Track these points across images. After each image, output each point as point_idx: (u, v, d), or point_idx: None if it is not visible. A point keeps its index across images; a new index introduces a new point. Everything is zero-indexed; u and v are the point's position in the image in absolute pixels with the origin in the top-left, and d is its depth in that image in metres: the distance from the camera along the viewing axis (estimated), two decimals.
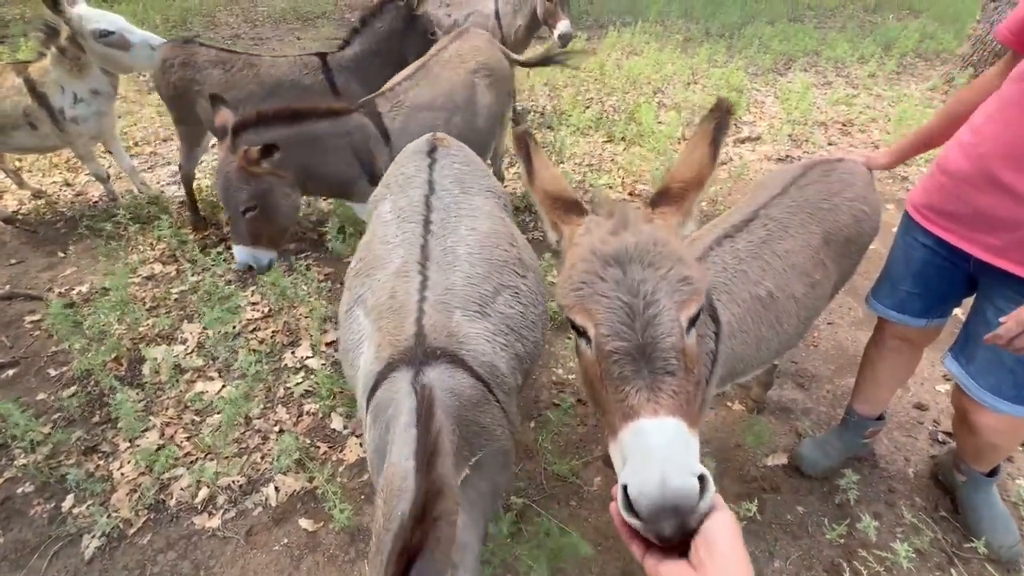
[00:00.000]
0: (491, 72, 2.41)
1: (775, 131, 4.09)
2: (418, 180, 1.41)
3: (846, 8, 8.79)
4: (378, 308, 1.13)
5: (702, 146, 0.87)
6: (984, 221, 1.18)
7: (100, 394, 2.12)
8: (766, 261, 1.27)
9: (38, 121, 2.76)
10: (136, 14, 7.36)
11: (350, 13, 8.57)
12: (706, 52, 5.53)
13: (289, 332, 2.41)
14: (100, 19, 2.50)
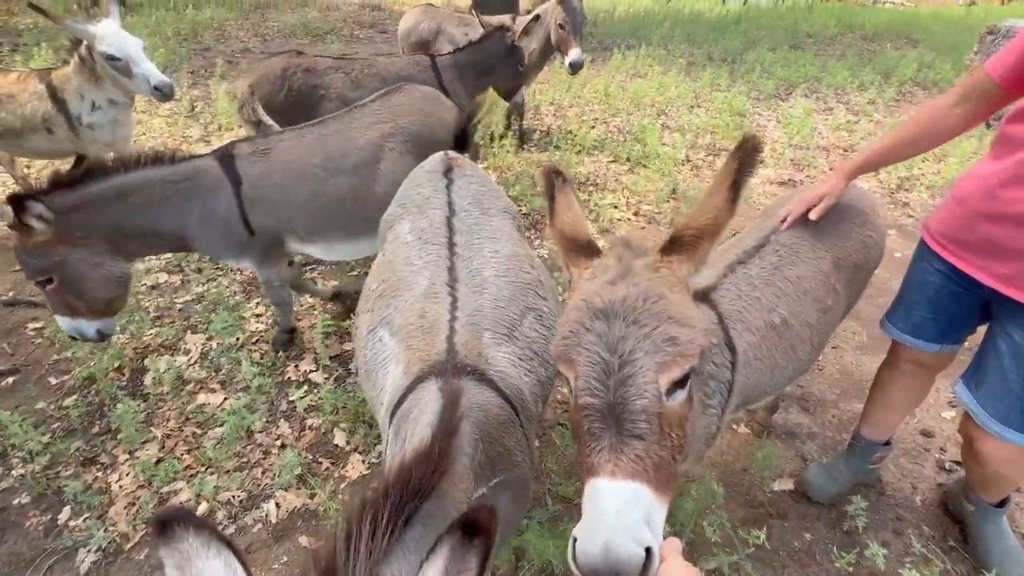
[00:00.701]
0: (413, 138, 2.10)
1: (777, 155, 4.15)
2: (437, 201, 1.40)
3: (845, 37, 8.99)
4: (406, 328, 1.12)
5: (722, 190, 0.82)
6: (996, 251, 1.19)
7: (101, 404, 2.10)
8: (779, 288, 1.27)
9: (55, 126, 2.78)
10: (148, 26, 7.49)
11: (359, 30, 8.73)
12: (709, 76, 5.63)
13: (294, 344, 2.40)
14: (113, 43, 2.50)
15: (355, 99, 2.62)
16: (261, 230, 1.98)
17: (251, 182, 1.93)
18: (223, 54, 6.85)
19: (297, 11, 10.04)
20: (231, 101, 4.67)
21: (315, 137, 2.04)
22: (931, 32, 9.13)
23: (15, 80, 2.80)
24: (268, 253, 2.06)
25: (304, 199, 1.98)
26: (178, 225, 1.91)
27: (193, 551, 0.48)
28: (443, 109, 2.26)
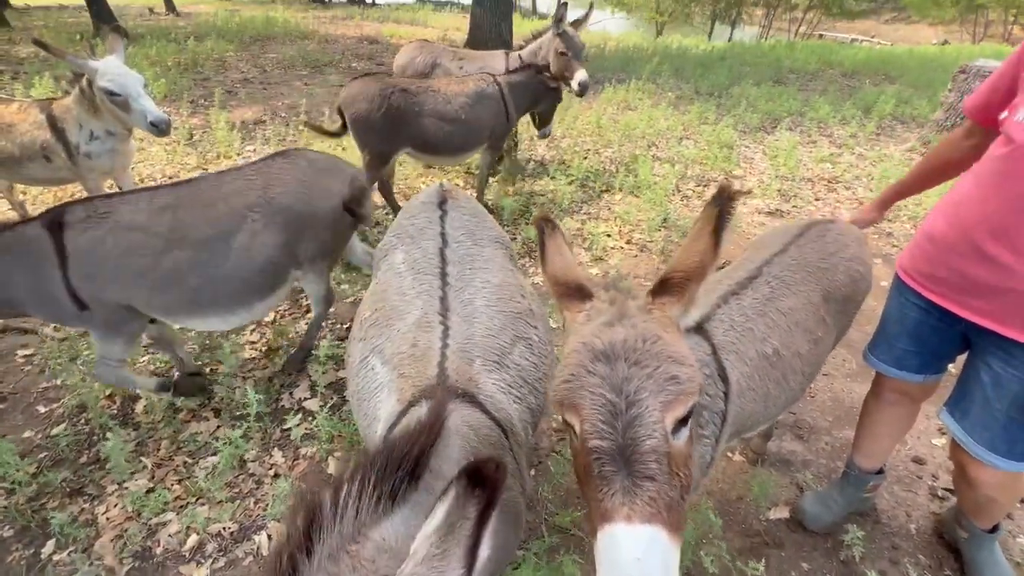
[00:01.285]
0: (284, 211, 1.91)
1: (765, 186, 4.27)
2: (431, 232, 1.44)
3: (825, 73, 9.36)
4: (399, 357, 1.14)
5: (705, 235, 0.85)
6: (972, 286, 1.23)
7: (90, 433, 2.07)
8: (771, 319, 1.31)
9: (53, 154, 2.81)
10: (149, 56, 7.64)
11: (356, 62, 8.95)
12: (697, 110, 5.82)
13: (287, 372, 2.39)
14: (114, 79, 2.56)
15: (448, 113, 3.15)
16: (94, 304, 1.80)
17: (78, 253, 1.75)
18: (222, 84, 6.98)
19: (296, 43, 10.31)
20: (229, 131, 4.75)
21: (168, 201, 1.85)
22: (907, 69, 9.54)
23: (16, 110, 2.85)
24: (111, 325, 1.87)
25: (137, 272, 1.80)
26: (7, 296, 1.77)
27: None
28: (330, 179, 2.08)
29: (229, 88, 6.84)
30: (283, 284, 2.06)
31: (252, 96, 6.63)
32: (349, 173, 2.16)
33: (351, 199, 2.09)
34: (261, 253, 1.90)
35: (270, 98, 6.60)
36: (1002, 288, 1.17)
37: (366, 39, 11.54)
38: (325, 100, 6.42)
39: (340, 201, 2.06)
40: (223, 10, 17.03)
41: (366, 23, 14.89)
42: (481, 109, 3.26)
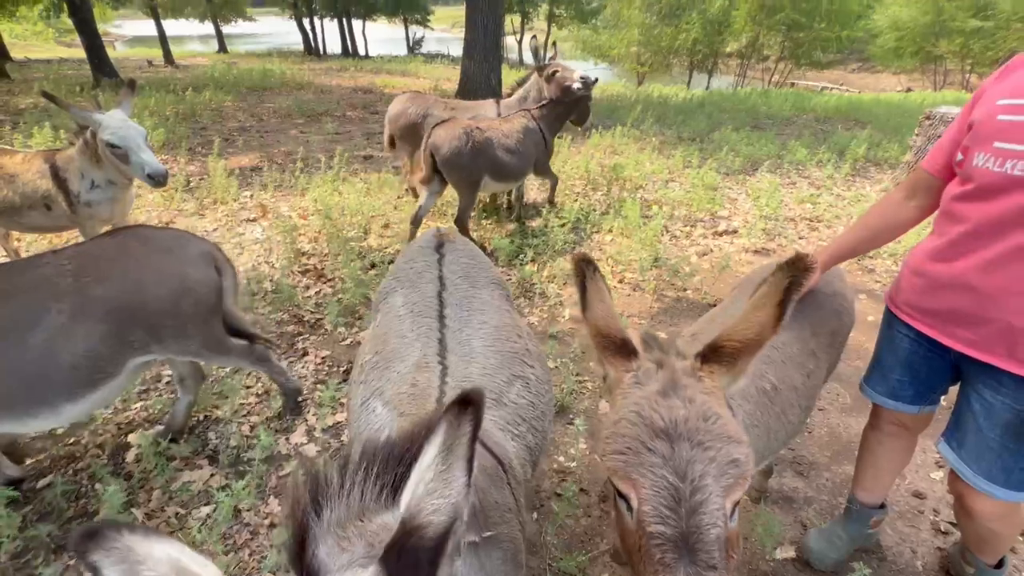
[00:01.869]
0: (100, 303, 1.70)
1: (750, 226, 4.41)
2: (429, 275, 1.48)
3: (800, 118, 9.85)
4: (399, 397, 1.16)
5: (769, 306, 0.80)
6: (959, 317, 1.28)
7: (78, 484, 2.01)
8: (766, 355, 1.34)
9: (53, 203, 2.85)
10: (149, 107, 7.84)
11: (351, 111, 9.25)
12: (681, 155, 6.07)
13: (283, 416, 2.36)
14: (116, 132, 2.64)
15: (511, 146, 3.75)
16: None
17: None
18: (220, 133, 7.16)
19: (293, 94, 10.64)
20: (226, 177, 4.85)
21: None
22: (875, 115, 10.07)
23: (20, 161, 2.90)
24: None
25: None
26: None
27: (133, 543, 0.45)
28: (168, 260, 1.86)
29: (226, 136, 7.01)
30: (116, 375, 1.79)
31: (249, 144, 6.80)
32: (197, 250, 1.95)
33: (205, 289, 1.90)
34: (70, 350, 1.66)
35: (267, 146, 6.77)
36: (986, 318, 1.21)
37: (360, 89, 11.96)
38: (321, 147, 6.60)
39: (184, 282, 1.85)
40: (221, 63, 17.63)
41: (360, 74, 15.47)
42: (528, 140, 3.88)
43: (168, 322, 1.84)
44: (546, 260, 3.74)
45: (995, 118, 1.15)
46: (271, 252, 3.85)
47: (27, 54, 20.70)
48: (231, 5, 24.99)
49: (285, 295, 3.11)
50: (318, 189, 4.76)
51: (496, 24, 8.95)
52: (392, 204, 4.65)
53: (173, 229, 2.07)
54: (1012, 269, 1.15)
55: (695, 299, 3.40)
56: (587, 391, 2.59)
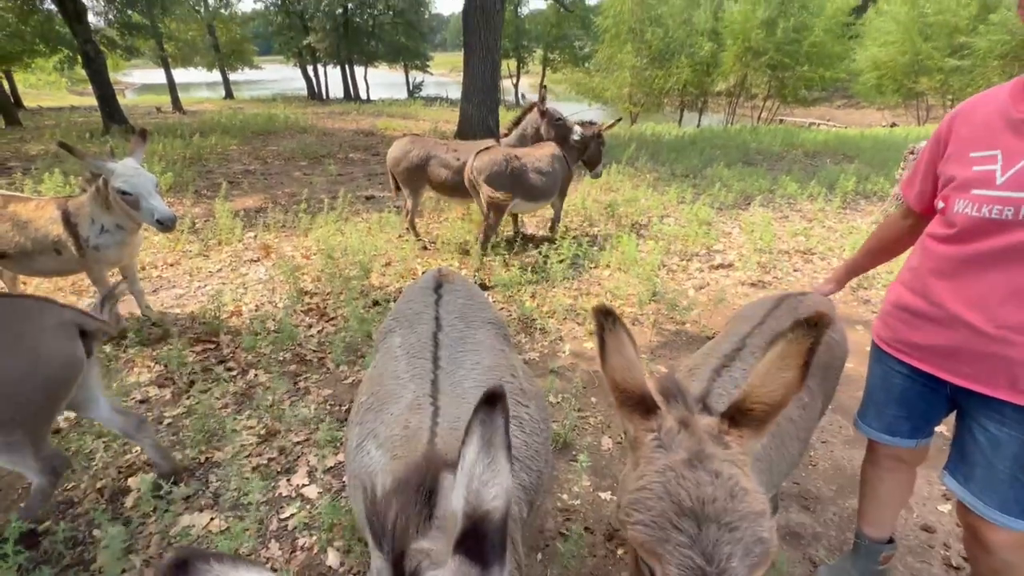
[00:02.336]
0: None
1: (745, 259, 4.49)
2: (426, 316, 1.50)
3: (789, 153, 10.13)
4: (392, 439, 1.17)
5: (793, 368, 0.80)
6: (954, 352, 1.28)
7: (75, 531, 1.98)
8: None
9: (63, 248, 2.92)
10: (157, 152, 8.06)
11: (353, 153, 9.51)
12: (675, 191, 6.22)
13: (285, 457, 2.35)
14: (128, 180, 2.74)
15: (543, 169, 4.26)
16: None
17: None
18: (225, 175, 7.35)
19: (296, 137, 10.97)
20: (231, 218, 4.95)
21: None
22: (862, 149, 10.37)
23: (33, 207, 2.99)
24: None
25: None
26: None
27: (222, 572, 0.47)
28: (16, 337, 1.65)
29: (232, 179, 7.19)
30: None
31: (254, 186, 6.97)
32: (56, 320, 1.74)
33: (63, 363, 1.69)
34: None
35: (271, 187, 6.94)
36: (984, 352, 1.22)
37: (362, 132, 12.33)
38: (324, 188, 6.76)
39: (34, 360, 1.66)
40: (227, 108, 18.22)
41: (362, 117, 15.97)
42: (557, 166, 4.41)
43: None
44: (546, 296, 3.79)
45: (971, 169, 1.23)
46: (274, 291, 3.90)
47: (40, 102, 21.44)
48: (238, 55, 26.07)
49: (287, 334, 3.14)
50: (320, 229, 4.86)
51: (493, 68, 9.33)
52: (393, 243, 4.74)
53: (30, 296, 1.81)
54: (1009, 304, 1.17)
55: (694, 332, 3.43)
56: (589, 427, 2.59)
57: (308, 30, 25.70)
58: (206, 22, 23.62)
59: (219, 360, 3.04)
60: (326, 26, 25.26)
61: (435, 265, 4.35)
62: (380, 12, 26.29)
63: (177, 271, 4.26)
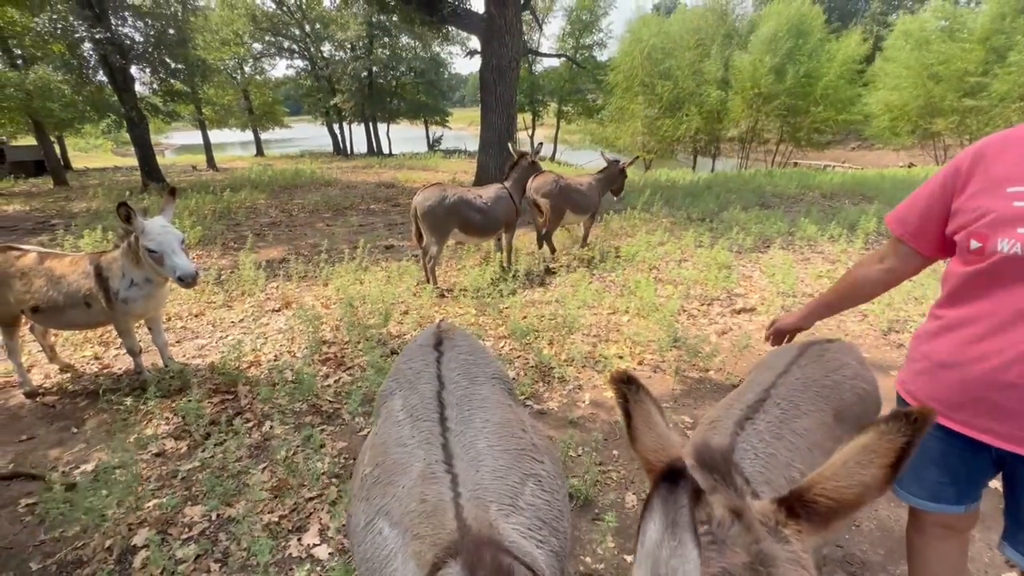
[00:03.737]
0: None
1: (767, 303, 4.39)
2: (427, 375, 1.44)
3: (806, 196, 10.10)
4: (408, 516, 1.07)
5: (877, 467, 0.68)
6: (1000, 413, 1.17)
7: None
8: (790, 441, 1.28)
9: (93, 300, 3.02)
10: (189, 207, 8.45)
11: (375, 204, 9.82)
12: (692, 235, 6.21)
13: (296, 514, 2.28)
14: (154, 239, 2.86)
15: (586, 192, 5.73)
16: None
17: None
18: (252, 228, 7.62)
19: (321, 190, 11.42)
20: (255, 269, 5.09)
21: None
22: (881, 190, 10.29)
23: (68, 263, 3.12)
24: None
25: None
26: None
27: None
28: None
29: (258, 231, 7.45)
30: None
31: (278, 238, 7.20)
32: None
33: None
34: None
35: (294, 239, 7.16)
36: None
37: (383, 184, 12.78)
38: (346, 239, 6.95)
39: None
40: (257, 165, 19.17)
41: (383, 170, 16.61)
42: (598, 190, 5.95)
43: None
44: (564, 342, 3.74)
45: (1012, 205, 1.12)
46: (293, 341, 3.93)
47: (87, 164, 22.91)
48: (270, 116, 27.76)
49: (305, 385, 3.13)
50: (341, 279, 4.95)
51: (509, 122, 9.70)
52: (412, 291, 4.78)
53: None
54: None
55: (718, 380, 3.31)
56: (612, 482, 2.47)
57: (335, 91, 27.30)
58: (242, 88, 25.34)
59: (236, 412, 3.03)
60: (352, 87, 26.81)
61: (452, 313, 4.35)
62: (402, 73, 27.85)
63: (201, 322, 4.35)
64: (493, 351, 3.67)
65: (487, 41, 9.31)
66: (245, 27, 23.29)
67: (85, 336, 4.05)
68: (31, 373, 3.49)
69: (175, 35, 13.26)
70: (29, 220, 8.73)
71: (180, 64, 13.91)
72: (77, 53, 12.60)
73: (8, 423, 3.03)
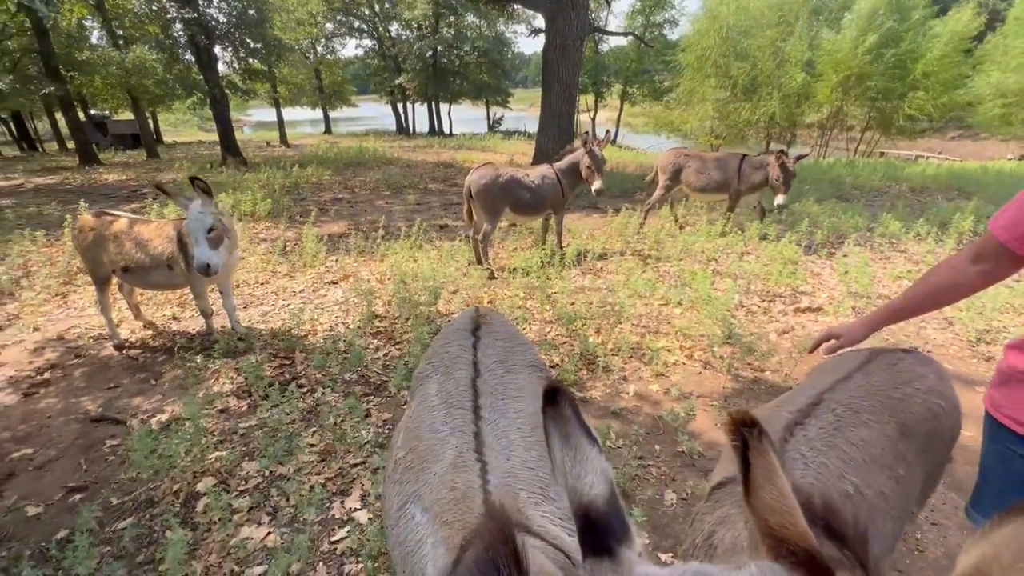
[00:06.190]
0: None
1: (836, 303, 4.08)
2: (463, 361, 1.43)
3: (892, 189, 9.24)
4: (439, 503, 1.09)
5: None
6: None
7: (151, 530, 2.13)
8: (844, 451, 1.18)
9: (174, 264, 3.28)
10: (260, 180, 8.93)
11: (432, 183, 9.98)
12: (756, 226, 5.85)
13: (341, 478, 2.39)
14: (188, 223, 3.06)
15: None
16: None
17: None
18: (316, 203, 7.96)
19: (382, 168, 11.73)
20: (317, 242, 5.32)
21: None
22: (983, 185, 9.24)
23: (154, 228, 3.38)
24: None
25: None
26: None
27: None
28: None
29: (322, 206, 7.78)
30: None
31: (340, 213, 7.49)
32: None
33: None
34: None
35: (355, 215, 7.41)
36: None
37: (442, 164, 12.94)
38: (403, 217, 7.11)
39: None
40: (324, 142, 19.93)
41: (443, 150, 16.82)
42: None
43: None
44: (611, 331, 3.66)
45: None
46: (348, 313, 4.10)
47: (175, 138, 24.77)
48: (339, 95, 28.74)
49: (356, 356, 3.26)
50: (395, 255, 5.08)
51: (570, 104, 9.48)
52: (462, 271, 4.84)
53: None
54: None
55: (775, 381, 3.13)
56: (651, 477, 2.41)
57: (400, 71, 27.80)
58: (314, 67, 26.32)
59: (292, 376, 3.21)
60: (416, 67, 27.20)
61: (500, 295, 4.37)
62: (466, 53, 27.87)
63: (265, 290, 4.62)
64: (538, 335, 3.66)
65: (552, 19, 9.08)
66: (319, 7, 24.06)
67: (166, 297, 4.42)
68: (119, 328, 3.85)
69: (255, 15, 13.91)
70: (124, 188, 9.58)
71: (258, 44, 14.64)
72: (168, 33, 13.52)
73: (99, 371, 3.37)
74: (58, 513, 2.24)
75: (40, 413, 2.94)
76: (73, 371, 3.38)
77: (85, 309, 4.29)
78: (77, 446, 2.67)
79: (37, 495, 2.35)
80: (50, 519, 2.21)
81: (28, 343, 3.74)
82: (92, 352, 3.61)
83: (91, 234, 3.41)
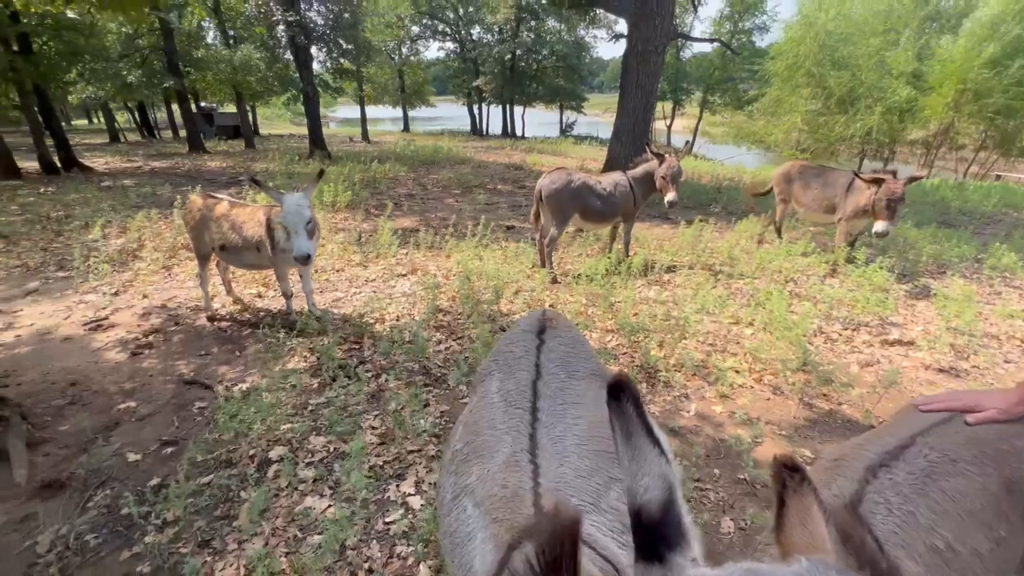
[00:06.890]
0: None
1: (932, 338, 3.71)
2: (526, 362, 1.43)
3: (1008, 216, 8.27)
4: (491, 499, 1.11)
5: None
6: None
7: (228, 488, 2.32)
8: (935, 501, 1.06)
9: (262, 247, 3.56)
10: (342, 173, 9.46)
11: (501, 184, 10.12)
12: (843, 249, 5.44)
13: (399, 462, 2.49)
14: (286, 215, 3.26)
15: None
16: None
17: None
18: (392, 198, 8.32)
19: (455, 167, 12.06)
20: (391, 235, 5.56)
21: None
22: None
23: (248, 212, 3.68)
24: None
25: None
26: None
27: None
28: None
29: (396, 201, 8.13)
30: None
31: (412, 209, 7.78)
32: None
33: None
34: None
35: (426, 211, 7.67)
36: None
37: (512, 166, 13.09)
38: (471, 215, 7.28)
39: None
40: (402, 140, 20.78)
41: (514, 152, 17.00)
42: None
43: None
44: (675, 346, 3.55)
45: None
46: (414, 305, 4.25)
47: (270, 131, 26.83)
48: (419, 94, 29.93)
49: (419, 347, 3.38)
50: (462, 253, 5.21)
51: (646, 111, 9.28)
52: (526, 273, 4.87)
53: None
54: None
55: (852, 416, 2.90)
56: (708, 502, 2.31)
57: (479, 73, 28.48)
58: (397, 68, 27.57)
59: (360, 361, 3.38)
60: (495, 70, 27.75)
61: (562, 300, 4.36)
62: (544, 57, 28.06)
63: (340, 277, 4.90)
64: (598, 344, 3.61)
65: (635, 24, 8.94)
66: (407, 10, 25.16)
67: (253, 277, 4.80)
68: (213, 301, 4.23)
69: (349, 18, 14.79)
70: (224, 175, 10.51)
71: (350, 45, 15.54)
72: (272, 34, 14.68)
73: (194, 339, 3.72)
74: (154, 463, 2.50)
75: (143, 372, 3.29)
76: (172, 336, 3.75)
77: (185, 282, 4.76)
78: (172, 404, 2.96)
79: (137, 444, 2.63)
80: (147, 466, 2.47)
81: (138, 308, 4.20)
82: (188, 321, 3.99)
83: (199, 213, 3.78)
